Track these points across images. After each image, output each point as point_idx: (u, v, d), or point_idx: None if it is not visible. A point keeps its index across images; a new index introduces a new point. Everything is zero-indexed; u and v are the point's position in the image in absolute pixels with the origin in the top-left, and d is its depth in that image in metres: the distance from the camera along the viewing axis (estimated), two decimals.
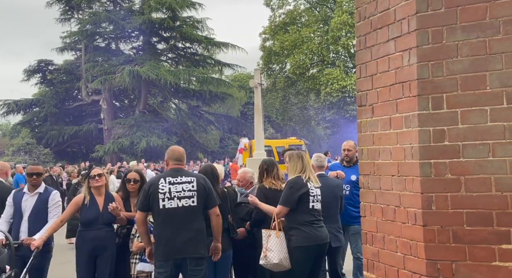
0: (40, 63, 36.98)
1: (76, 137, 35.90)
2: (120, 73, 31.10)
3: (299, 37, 31.90)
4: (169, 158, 4.23)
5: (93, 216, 4.66)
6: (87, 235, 4.65)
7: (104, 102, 34.62)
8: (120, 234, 4.89)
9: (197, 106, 39.15)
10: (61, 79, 37.51)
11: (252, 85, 18.40)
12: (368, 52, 2.99)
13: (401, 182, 2.71)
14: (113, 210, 4.65)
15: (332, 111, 31.47)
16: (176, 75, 33.38)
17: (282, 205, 4.34)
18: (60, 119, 36.27)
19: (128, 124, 33.55)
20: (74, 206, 4.74)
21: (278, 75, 35.10)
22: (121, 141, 32.18)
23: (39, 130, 36.21)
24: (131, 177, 5.01)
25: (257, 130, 17.97)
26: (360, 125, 3.08)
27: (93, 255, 4.62)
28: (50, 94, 36.66)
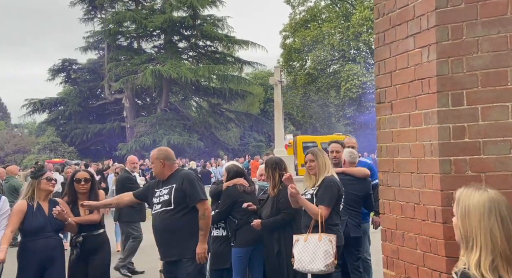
0: (65, 63, 37.69)
1: (100, 136, 36.48)
2: (143, 73, 31.44)
3: (320, 33, 31.71)
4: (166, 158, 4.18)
5: (41, 223, 4.11)
6: (35, 245, 4.07)
7: (127, 100, 35.09)
8: (76, 244, 4.37)
9: (218, 104, 39.34)
10: (84, 78, 38.16)
11: (272, 82, 18.38)
12: (387, 49, 2.98)
13: (420, 179, 2.69)
14: (58, 214, 4.14)
15: (352, 108, 31.22)
16: (197, 73, 33.59)
17: (327, 206, 4.07)
18: (84, 118, 36.92)
19: (150, 123, 33.92)
20: (20, 214, 4.11)
21: (298, 72, 34.98)
22: (143, 139, 32.57)
23: (63, 129, 36.93)
24: (80, 177, 4.55)
25: (277, 128, 17.96)
26: (379, 122, 3.08)
27: (40, 269, 4.08)
28: (74, 93, 37.35)
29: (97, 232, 4.47)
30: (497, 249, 1.71)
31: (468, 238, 1.78)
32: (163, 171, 4.16)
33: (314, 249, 3.92)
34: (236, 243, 4.72)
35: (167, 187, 4.09)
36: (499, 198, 1.79)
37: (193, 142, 33.39)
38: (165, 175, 4.17)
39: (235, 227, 4.73)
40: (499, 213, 1.75)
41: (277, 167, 4.63)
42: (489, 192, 1.82)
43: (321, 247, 3.92)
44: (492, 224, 1.74)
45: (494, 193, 1.81)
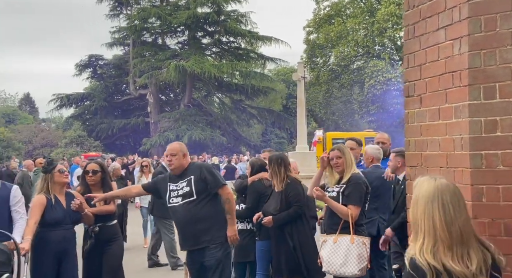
0: (91, 58, 38.37)
1: (125, 131, 37.05)
2: (167, 69, 31.75)
3: (344, 29, 31.44)
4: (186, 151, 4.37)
5: (60, 216, 4.17)
6: (53, 235, 4.11)
7: (151, 96, 35.51)
8: (91, 234, 4.43)
9: (240, 100, 39.46)
10: (110, 73, 38.79)
11: (295, 78, 18.35)
12: (417, 41, 2.94)
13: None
14: (78, 207, 4.21)
15: (376, 104, 30.86)
16: (220, 69, 33.74)
17: (357, 205, 3.94)
18: (109, 113, 37.55)
19: (174, 118, 34.27)
20: (42, 206, 4.14)
21: (322, 68, 34.75)
22: (166, 134, 32.93)
23: (89, 123, 37.65)
24: (89, 168, 4.59)
25: (300, 124, 17.92)
26: (407, 116, 3.04)
27: (56, 260, 4.12)
28: (100, 88, 38.00)
29: (112, 223, 4.56)
30: (438, 234, 1.81)
31: (415, 225, 1.89)
32: (183, 164, 4.25)
33: (346, 252, 3.82)
34: (261, 236, 4.75)
35: (185, 180, 4.18)
36: (445, 187, 1.88)
37: (216, 137, 33.59)
38: (183, 168, 4.25)
39: (260, 221, 4.73)
40: (441, 201, 1.84)
41: (282, 162, 4.63)
42: (437, 181, 1.91)
43: (354, 250, 3.83)
44: (434, 211, 1.84)
45: (442, 182, 1.90)
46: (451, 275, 1.79)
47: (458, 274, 1.79)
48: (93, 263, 4.41)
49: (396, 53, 32.22)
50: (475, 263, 1.81)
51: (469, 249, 1.84)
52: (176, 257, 7.05)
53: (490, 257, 1.86)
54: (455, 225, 1.83)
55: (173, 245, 7.00)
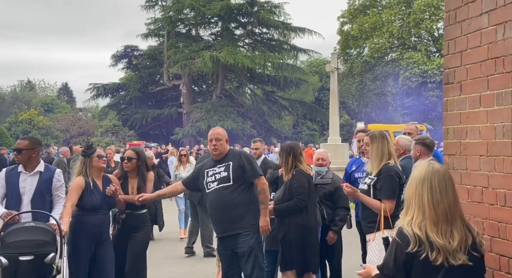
0: (127, 49, 39.04)
1: (158, 120, 37.63)
2: (201, 59, 31.99)
3: (379, 20, 30.86)
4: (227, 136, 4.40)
5: (98, 201, 4.24)
6: (91, 220, 4.21)
7: (184, 87, 35.92)
8: (118, 220, 4.53)
9: (272, 91, 39.40)
10: (145, 64, 39.36)
11: (328, 69, 18.13)
12: (458, 27, 2.88)
13: (490, 162, 2.61)
14: (112, 193, 4.25)
15: (411, 97, 30.24)
16: (253, 60, 33.75)
17: (390, 199, 3.73)
18: (143, 103, 38.18)
19: (206, 109, 34.56)
20: (80, 189, 4.22)
21: (356, 60, 34.28)
22: (198, 124, 33.28)
23: (124, 113, 38.39)
24: (126, 155, 4.67)
25: (332, 116, 17.75)
26: (447, 104, 2.99)
27: (92, 243, 4.22)
28: (135, 78, 38.66)
29: (140, 212, 4.59)
30: (425, 212, 2.06)
31: (407, 202, 2.15)
32: (226, 149, 4.30)
33: (380, 248, 3.62)
34: None
35: (223, 165, 4.22)
36: (435, 171, 2.11)
37: (247, 128, 33.72)
38: (224, 153, 4.28)
39: None
40: (430, 183, 2.08)
41: (292, 151, 4.61)
42: (430, 166, 2.15)
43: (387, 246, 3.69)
44: (423, 192, 2.09)
45: (433, 167, 2.13)
46: (432, 247, 2.00)
47: (439, 246, 2.00)
48: (119, 248, 4.47)
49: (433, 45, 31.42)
50: (457, 240, 2.02)
51: (453, 227, 2.04)
52: (211, 248, 7.01)
53: (471, 238, 2.06)
54: (441, 205, 2.05)
55: (211, 234, 6.93)
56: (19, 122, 37.13)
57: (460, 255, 2.01)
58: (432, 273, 2.01)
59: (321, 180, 5.19)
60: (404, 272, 2.05)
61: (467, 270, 2.02)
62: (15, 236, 3.44)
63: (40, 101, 49.67)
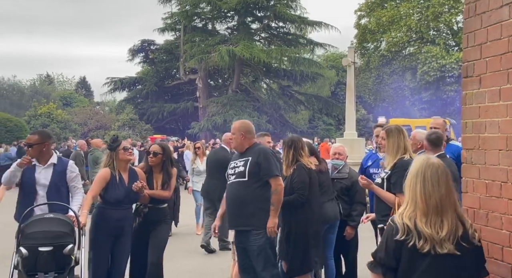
0: (143, 43, 39.25)
1: (174, 115, 37.84)
2: (218, 53, 32.03)
3: (397, 13, 30.47)
4: (247, 131, 4.26)
5: (121, 195, 4.26)
6: (113, 214, 4.25)
7: (200, 81, 36.02)
8: (141, 213, 4.55)
9: (288, 86, 39.27)
10: (161, 58, 39.54)
11: (345, 63, 18.00)
12: (478, 19, 2.83)
13: (509, 156, 2.57)
14: (139, 189, 4.27)
15: (429, 92, 29.85)
16: (269, 54, 33.66)
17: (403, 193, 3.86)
18: (160, 97, 38.41)
19: (221, 103, 34.63)
20: (104, 181, 4.26)
21: (373, 54, 33.92)
22: (214, 118, 33.39)
23: (141, 107, 38.68)
24: (151, 149, 4.67)
25: (349, 110, 17.64)
26: (465, 97, 2.95)
27: (112, 236, 4.27)
28: (151, 73, 38.88)
29: (162, 206, 4.61)
30: (417, 203, 2.21)
31: (404, 194, 2.33)
32: (242, 143, 4.25)
33: None
34: None
35: (243, 159, 4.20)
36: (429, 166, 2.25)
37: (262, 123, 33.70)
38: (243, 147, 4.25)
39: None
40: (423, 177, 2.23)
41: (293, 144, 4.59)
42: (425, 160, 2.30)
43: None
44: (416, 184, 2.24)
45: (428, 162, 2.28)
46: (420, 235, 2.15)
47: (427, 235, 2.14)
48: (139, 240, 4.50)
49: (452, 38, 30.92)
50: (445, 230, 2.14)
51: (443, 218, 2.17)
52: (227, 241, 6.98)
53: (462, 229, 2.19)
54: (432, 197, 2.19)
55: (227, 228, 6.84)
56: (38, 116, 37.73)
57: (447, 245, 2.13)
58: (419, 260, 2.15)
59: (338, 175, 5.18)
60: (394, 259, 2.20)
61: (453, 259, 2.14)
62: (35, 227, 3.49)
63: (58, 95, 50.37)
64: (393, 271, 2.23)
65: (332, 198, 4.86)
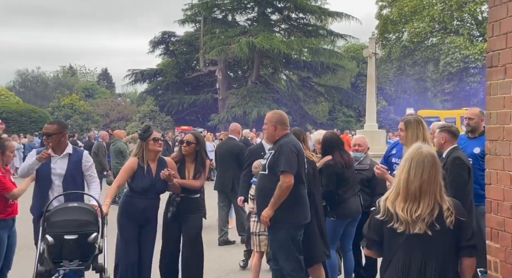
0: (164, 35, 39.44)
1: (194, 106, 38.03)
2: (237, 44, 32.00)
3: (419, 3, 29.94)
4: (278, 122, 4.18)
5: (147, 185, 4.29)
6: (139, 202, 4.29)
7: (220, 73, 36.08)
8: (173, 202, 4.54)
9: (308, 77, 39.04)
10: (181, 50, 39.69)
11: (366, 55, 17.84)
12: (504, 8, 2.77)
13: None
14: (166, 177, 4.27)
15: (452, 83, 29.32)
16: (289, 45, 33.47)
17: None
18: (180, 89, 38.63)
19: (241, 95, 34.66)
20: (131, 171, 4.31)
21: (394, 45, 33.44)
22: (234, 110, 33.45)
23: (161, 99, 38.98)
24: (185, 139, 4.65)
25: (369, 102, 17.50)
26: (490, 87, 2.90)
27: (139, 224, 4.32)
28: (171, 64, 39.08)
29: (195, 196, 4.61)
30: (400, 189, 2.45)
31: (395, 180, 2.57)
32: (273, 134, 4.18)
33: None
34: (338, 216, 4.74)
35: (270, 152, 4.20)
36: (417, 155, 2.46)
37: None
38: (274, 138, 4.19)
39: (335, 202, 4.73)
40: (408, 165, 2.45)
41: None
42: (415, 149, 2.51)
43: None
44: (402, 171, 2.47)
45: (417, 150, 2.48)
46: (397, 218, 2.44)
47: (402, 218, 2.42)
48: (173, 230, 4.52)
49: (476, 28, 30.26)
50: (419, 213, 2.40)
51: (420, 202, 2.41)
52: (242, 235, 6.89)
53: (438, 212, 2.40)
54: (413, 184, 2.42)
55: None
56: (61, 107, 38.43)
57: (420, 225, 2.39)
58: (396, 237, 2.46)
59: (359, 166, 5.15)
60: (376, 235, 2.56)
61: (425, 238, 2.40)
62: (60, 216, 3.55)
63: (81, 87, 51.13)
64: (377, 245, 2.58)
65: (356, 193, 4.81)
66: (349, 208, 4.69)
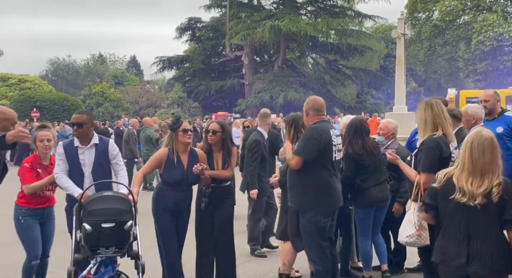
0: (190, 21, 39.54)
1: (221, 92, 38.18)
2: (262, 29, 31.82)
3: None
4: (310, 108, 4.20)
5: (179, 177, 4.25)
6: (170, 195, 4.28)
7: (246, 58, 36.02)
8: (205, 194, 4.50)
9: (335, 60, 38.54)
10: (208, 36, 39.72)
11: (394, 36, 17.45)
12: None
13: None
14: (199, 172, 4.22)
15: (484, 62, 28.41)
16: (315, 27, 33.04)
17: (426, 172, 3.59)
18: (207, 75, 38.80)
19: (268, 79, 34.57)
20: (158, 161, 4.30)
21: (424, 24, 32.53)
22: (261, 95, 33.44)
23: (189, 85, 39.28)
24: (210, 128, 4.53)
25: (398, 84, 17.18)
26: None
27: (173, 215, 4.31)
28: (198, 50, 39.21)
29: (225, 184, 4.60)
30: (464, 166, 2.83)
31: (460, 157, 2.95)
32: (306, 120, 4.25)
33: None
34: (358, 205, 4.75)
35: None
36: (477, 136, 2.81)
37: None
38: (308, 124, 4.23)
39: (355, 191, 4.72)
40: (470, 145, 2.81)
41: (294, 123, 4.57)
42: (476, 131, 2.87)
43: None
44: (466, 151, 2.83)
45: (478, 133, 2.82)
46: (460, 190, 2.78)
47: (465, 190, 2.77)
48: (206, 220, 4.52)
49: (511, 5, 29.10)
50: (482, 189, 2.74)
51: (483, 180, 2.76)
52: None
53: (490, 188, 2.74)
54: (477, 163, 2.77)
55: None
56: (92, 95, 39.25)
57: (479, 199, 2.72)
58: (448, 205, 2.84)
59: (385, 150, 5.12)
60: (433, 200, 2.97)
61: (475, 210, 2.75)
62: (97, 204, 3.61)
63: (111, 74, 52.01)
64: (433, 209, 2.98)
65: (380, 181, 4.69)
66: (369, 197, 4.63)
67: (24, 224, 4.27)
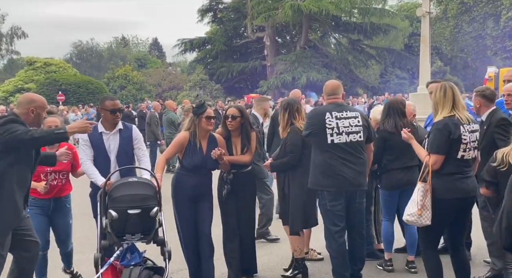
0: (212, 2, 39.29)
1: (243, 74, 38.07)
2: (282, 9, 31.44)
3: None
4: (324, 92, 4.29)
5: (199, 163, 4.22)
6: (189, 180, 4.26)
7: (268, 39, 35.72)
8: (226, 180, 4.46)
9: (358, 40, 37.87)
10: (229, 17, 39.46)
11: (419, 14, 16.99)
12: None
13: None
14: (218, 156, 4.19)
15: None
16: (338, 6, 32.43)
17: (434, 153, 3.61)
18: (228, 57, 38.67)
19: (290, 60, 34.28)
20: (180, 146, 4.26)
21: (450, 1, 31.58)
22: (283, 76, 33.23)
23: (211, 67, 39.25)
24: (229, 113, 4.46)
25: (423, 63, 16.80)
26: None
27: (193, 201, 4.28)
28: (220, 32, 39.04)
29: (246, 169, 4.56)
30: None
31: None
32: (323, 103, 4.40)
33: (414, 197, 3.67)
34: (382, 186, 4.74)
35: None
36: None
37: (331, 78, 33.03)
38: None
39: (380, 171, 4.69)
40: None
41: (288, 107, 4.56)
42: None
43: (413, 195, 3.67)
44: None
45: None
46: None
47: None
48: (230, 206, 4.50)
49: None
50: None
51: None
52: None
53: None
54: None
55: None
56: (116, 78, 39.67)
57: None
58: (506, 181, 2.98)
59: None
60: (492, 177, 3.40)
61: None
62: (122, 191, 3.59)
63: (133, 57, 52.36)
64: (493, 185, 3.40)
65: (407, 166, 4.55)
66: (392, 179, 4.58)
67: None
